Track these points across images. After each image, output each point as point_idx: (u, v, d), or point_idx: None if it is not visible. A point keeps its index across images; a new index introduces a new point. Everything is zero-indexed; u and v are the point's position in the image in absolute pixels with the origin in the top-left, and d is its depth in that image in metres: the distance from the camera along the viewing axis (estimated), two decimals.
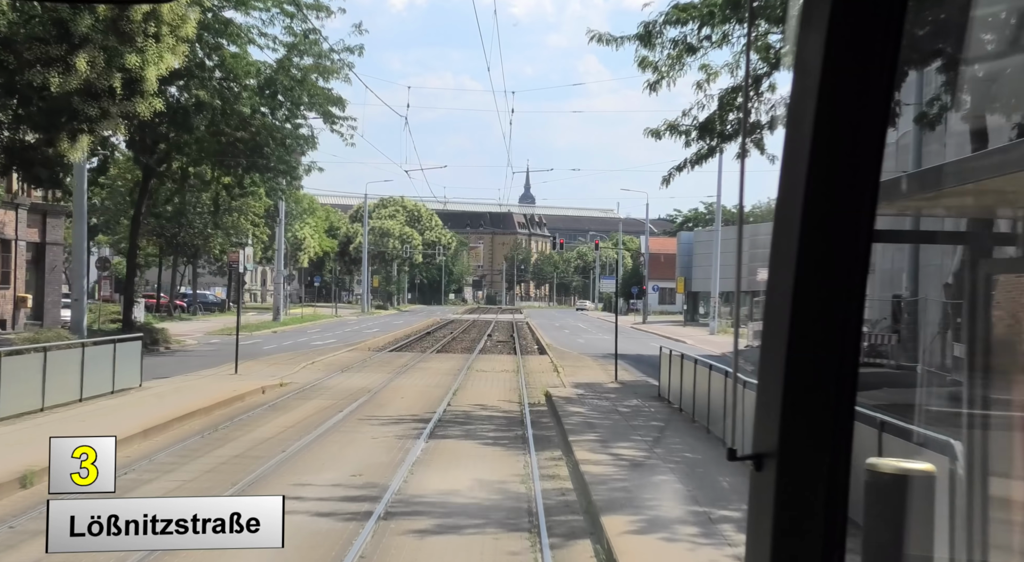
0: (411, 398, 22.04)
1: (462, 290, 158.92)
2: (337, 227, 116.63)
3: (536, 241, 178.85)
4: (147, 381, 22.40)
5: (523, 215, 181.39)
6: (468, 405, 21.04)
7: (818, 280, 1.61)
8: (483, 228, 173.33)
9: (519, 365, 32.05)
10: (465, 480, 12.65)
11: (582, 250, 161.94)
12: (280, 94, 35.06)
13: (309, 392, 22.83)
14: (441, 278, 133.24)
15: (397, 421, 18.36)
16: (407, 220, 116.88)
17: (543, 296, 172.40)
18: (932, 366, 31.31)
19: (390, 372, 28.45)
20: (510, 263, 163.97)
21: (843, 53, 1.57)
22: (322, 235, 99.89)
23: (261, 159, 35.68)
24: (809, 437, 1.62)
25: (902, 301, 36.24)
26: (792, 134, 1.64)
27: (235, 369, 25.83)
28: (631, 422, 17.99)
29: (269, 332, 52.12)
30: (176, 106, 35.61)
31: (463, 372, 29.13)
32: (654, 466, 13.22)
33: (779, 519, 1.61)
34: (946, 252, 32.01)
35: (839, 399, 1.62)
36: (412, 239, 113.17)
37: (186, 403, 18.67)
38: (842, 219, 1.60)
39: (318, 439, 16.12)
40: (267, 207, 64.55)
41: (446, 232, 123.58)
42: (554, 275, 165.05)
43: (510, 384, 26.18)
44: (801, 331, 1.61)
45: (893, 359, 35.03)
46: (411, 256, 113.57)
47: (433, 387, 24.60)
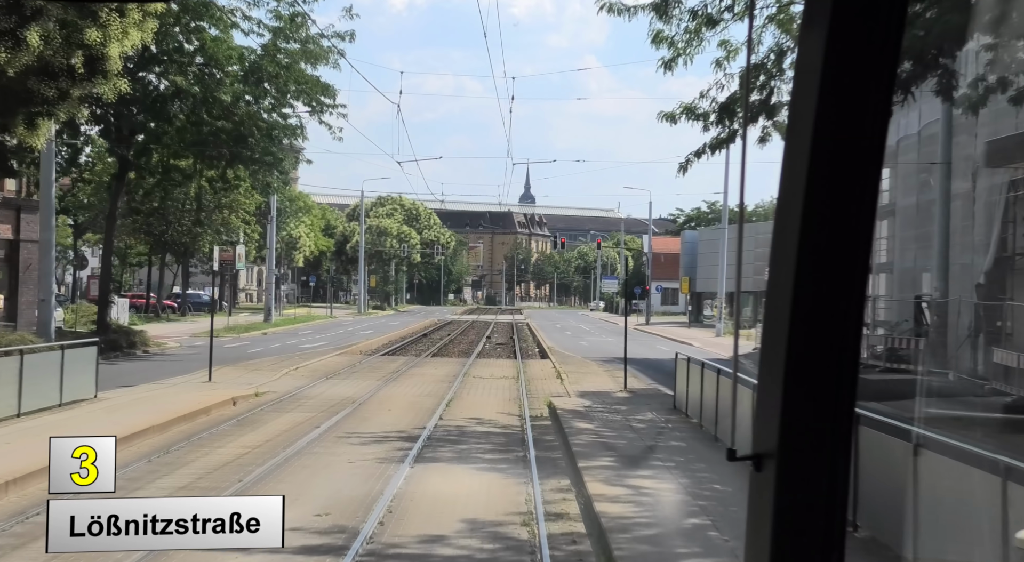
0: (399, 410, 19.81)
1: (461, 290, 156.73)
2: (334, 226, 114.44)
3: (536, 241, 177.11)
4: (109, 390, 20.20)
5: (523, 214, 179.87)
6: (462, 418, 18.81)
7: (818, 280, 1.62)
8: (483, 227, 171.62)
9: (519, 371, 29.83)
10: (454, 521, 10.42)
11: (583, 250, 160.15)
12: (265, 81, 32.84)
13: (286, 403, 20.60)
14: (440, 278, 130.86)
15: (381, 439, 16.12)
16: (405, 219, 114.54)
17: (543, 296, 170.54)
18: (964, 373, 28.82)
19: (379, 379, 26.21)
20: (510, 263, 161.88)
21: (843, 53, 1.58)
22: (318, 234, 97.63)
23: (245, 150, 33.41)
24: (809, 438, 1.62)
25: (927, 302, 34.11)
26: (792, 134, 1.65)
27: (209, 376, 23.59)
28: (648, 442, 15.74)
29: (259, 334, 49.88)
30: (153, 93, 33.41)
31: (459, 379, 26.89)
32: (683, 504, 10.96)
33: (778, 520, 1.61)
34: (977, 249, 29.88)
35: (839, 400, 1.63)
36: (410, 238, 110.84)
37: (140, 418, 16.43)
38: (842, 219, 1.61)
39: (285, 464, 13.87)
40: (258, 205, 62.31)
41: (445, 231, 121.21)
42: (554, 275, 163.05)
43: (510, 393, 23.95)
44: (801, 331, 1.62)
45: (918, 364, 32.83)
46: (409, 255, 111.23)
47: (425, 397, 22.36)
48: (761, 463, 1.66)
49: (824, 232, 1.60)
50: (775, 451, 1.63)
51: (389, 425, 17.64)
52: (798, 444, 1.62)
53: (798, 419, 1.62)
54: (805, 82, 1.62)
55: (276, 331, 53.16)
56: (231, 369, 26.89)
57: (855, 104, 1.59)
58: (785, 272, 1.63)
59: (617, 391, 24.19)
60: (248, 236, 67.30)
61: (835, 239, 1.61)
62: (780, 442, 1.62)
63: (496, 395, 23.35)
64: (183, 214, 58.88)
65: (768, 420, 1.65)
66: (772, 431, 1.63)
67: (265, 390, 22.10)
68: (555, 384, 26.05)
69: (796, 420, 1.62)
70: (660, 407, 20.41)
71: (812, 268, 1.60)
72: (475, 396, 22.95)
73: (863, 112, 1.59)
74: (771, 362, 1.65)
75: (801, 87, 1.64)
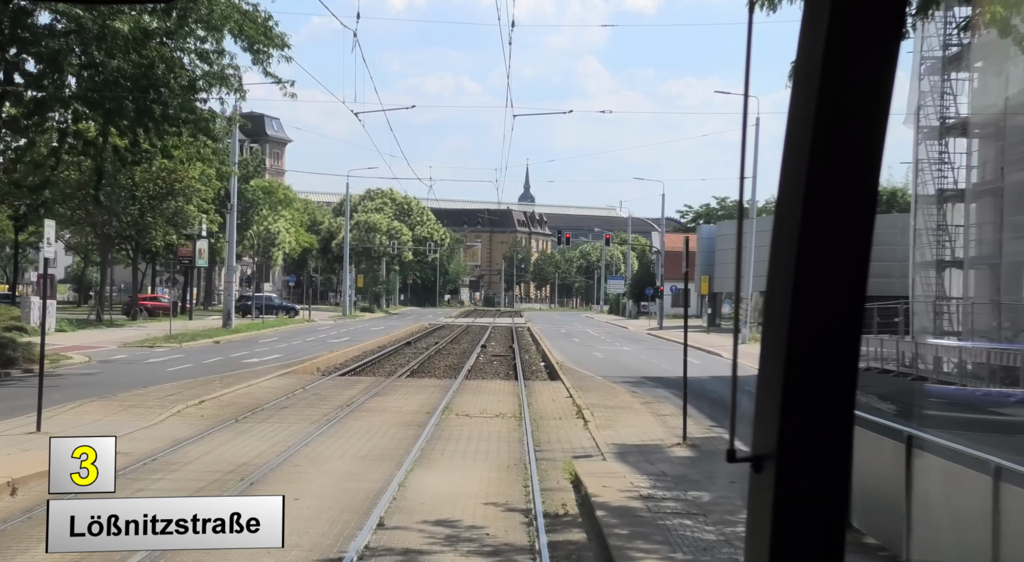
0: (316, 499, 11.36)
1: (459, 291, 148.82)
2: (320, 222, 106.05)
3: (536, 240, 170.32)
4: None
5: (523, 213, 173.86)
6: (423, 522, 10.36)
7: (818, 280, 1.62)
8: (481, 226, 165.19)
9: (522, 402, 21.40)
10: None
11: (585, 249, 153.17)
12: (179, 8, 24.42)
13: (124, 484, 12.15)
14: (436, 278, 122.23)
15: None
16: (396, 214, 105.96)
17: (544, 297, 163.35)
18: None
19: (316, 421, 17.76)
20: (509, 263, 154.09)
21: (843, 52, 1.58)
22: (299, 229, 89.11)
23: (156, 104, 24.99)
24: (808, 439, 1.61)
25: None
26: (792, 134, 1.66)
27: (37, 423, 15.10)
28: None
29: (208, 343, 41.42)
30: (31, 27, 25.03)
31: (434, 418, 18.47)
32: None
33: (778, 522, 1.61)
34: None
35: (839, 401, 1.62)
36: (401, 234, 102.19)
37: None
38: (842, 219, 1.61)
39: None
40: (217, 190, 53.87)
41: (439, 227, 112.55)
42: (555, 276, 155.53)
43: (508, 450, 15.53)
44: (801, 332, 1.62)
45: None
46: (400, 253, 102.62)
47: (372, 462, 13.94)
48: (761, 465, 1.63)
49: (824, 232, 1.60)
50: (774, 452, 1.60)
51: (275, 555, 9.16)
52: (798, 445, 1.60)
53: (798, 420, 1.60)
54: (805, 82, 1.63)
55: (233, 339, 44.70)
56: (100, 405, 18.44)
57: (855, 104, 1.59)
58: (785, 272, 1.63)
59: (672, 444, 15.83)
60: (211, 229, 58.83)
61: (835, 239, 1.60)
62: (779, 443, 1.60)
63: (488, 456, 14.93)
64: (128, 202, 50.48)
65: (767, 421, 1.63)
66: (771, 432, 1.61)
67: (121, 450, 13.65)
68: (576, 428, 17.69)
69: (796, 421, 1.60)
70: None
71: (812, 268, 1.61)
72: (454, 460, 14.52)
73: (863, 113, 1.59)
74: (770, 362, 1.64)
75: (800, 87, 1.64)
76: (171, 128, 26.04)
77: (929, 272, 33.03)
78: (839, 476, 1.62)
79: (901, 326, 34.99)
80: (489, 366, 33.63)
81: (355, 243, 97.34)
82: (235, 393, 21.09)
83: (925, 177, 33.14)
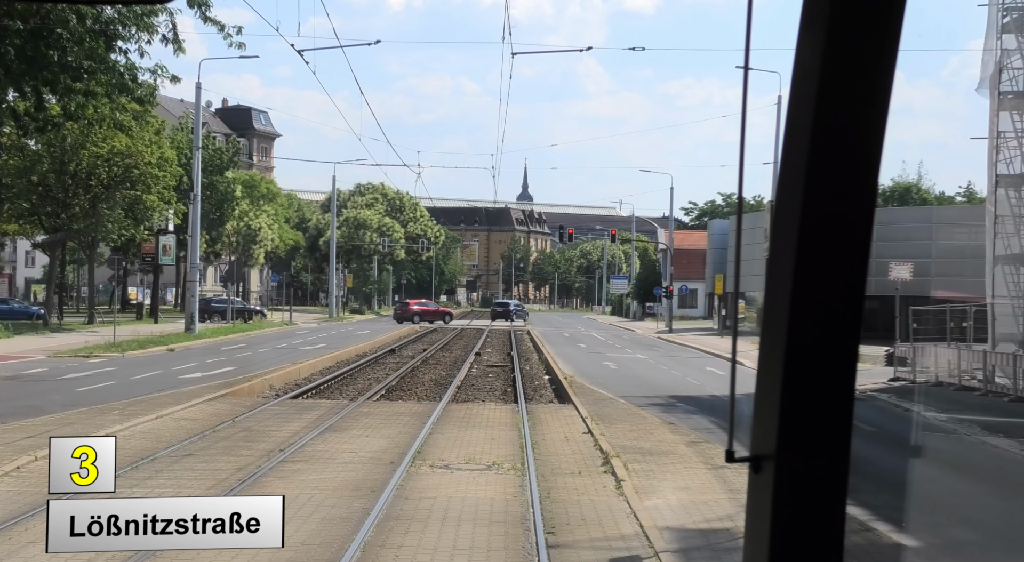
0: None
1: (455, 292, 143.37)
2: (308, 219, 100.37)
3: (535, 239, 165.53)
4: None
5: (521, 211, 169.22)
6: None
7: (818, 280, 1.59)
8: (478, 225, 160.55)
9: (525, 443, 15.67)
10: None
11: (585, 248, 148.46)
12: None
13: None
14: (431, 278, 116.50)
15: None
16: (388, 210, 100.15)
17: (543, 298, 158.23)
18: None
19: (218, 483, 12.04)
20: (507, 262, 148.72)
21: (843, 54, 1.56)
22: (282, 225, 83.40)
23: (52, 51, 19.30)
24: (807, 439, 1.59)
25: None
26: (792, 134, 1.63)
27: None
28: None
29: (160, 350, 35.76)
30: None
31: (396, 477, 12.72)
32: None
33: (777, 522, 1.58)
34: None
35: (838, 401, 1.60)
36: (393, 231, 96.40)
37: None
38: (842, 219, 1.59)
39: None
40: (179, 178, 48.16)
41: (433, 224, 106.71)
42: (555, 276, 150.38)
43: (504, 543, 9.82)
44: (800, 331, 1.59)
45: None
46: (392, 251, 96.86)
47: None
48: (760, 465, 1.61)
49: (824, 232, 1.58)
50: (773, 453, 1.58)
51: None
52: (797, 445, 1.58)
53: (797, 420, 1.58)
54: (804, 84, 1.60)
55: (192, 346, 38.96)
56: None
57: (854, 105, 1.56)
58: (784, 271, 1.60)
59: (740, 513, 10.11)
60: (177, 222, 53.12)
61: (835, 238, 1.58)
62: (779, 443, 1.58)
63: (471, 553, 9.21)
64: (78, 191, 44.80)
65: (766, 421, 1.61)
66: (771, 432, 1.59)
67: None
68: (604, 492, 11.99)
69: (795, 421, 1.58)
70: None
71: (811, 267, 1.58)
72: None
73: (862, 113, 1.57)
74: (770, 362, 1.62)
75: (799, 88, 1.62)
76: (75, 83, 20.32)
77: (1018, 267, 27.39)
78: (838, 476, 1.60)
79: (970, 332, 29.44)
80: (483, 380, 27.98)
81: (344, 241, 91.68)
82: (129, 430, 15.35)
83: (1008, 153, 27.57)
